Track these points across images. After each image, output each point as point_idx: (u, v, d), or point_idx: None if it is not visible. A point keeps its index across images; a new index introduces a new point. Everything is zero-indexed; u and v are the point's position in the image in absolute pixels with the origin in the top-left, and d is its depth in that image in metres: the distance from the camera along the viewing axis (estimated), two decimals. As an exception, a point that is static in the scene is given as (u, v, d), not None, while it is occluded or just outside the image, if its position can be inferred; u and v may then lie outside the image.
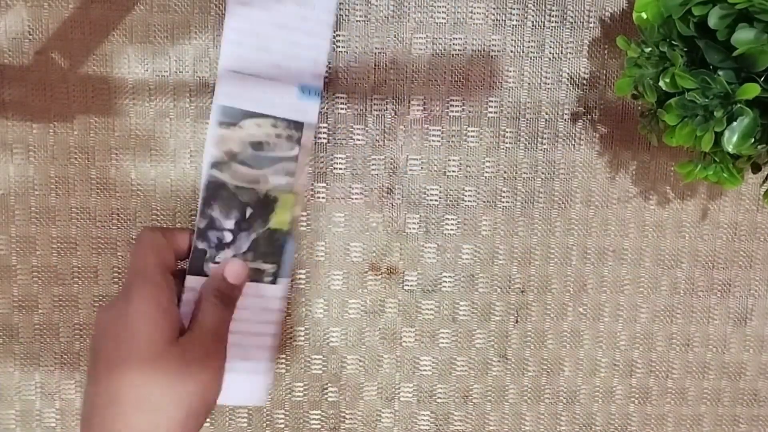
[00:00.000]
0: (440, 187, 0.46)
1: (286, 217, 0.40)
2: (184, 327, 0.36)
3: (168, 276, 0.35)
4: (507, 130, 0.46)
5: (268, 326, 0.40)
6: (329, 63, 0.44)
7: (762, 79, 0.35)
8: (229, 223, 0.39)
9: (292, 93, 0.39)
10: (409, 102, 0.45)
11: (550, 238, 0.47)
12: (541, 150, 0.46)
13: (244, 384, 0.39)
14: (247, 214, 0.39)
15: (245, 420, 0.48)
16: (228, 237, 0.39)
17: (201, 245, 0.38)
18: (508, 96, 0.46)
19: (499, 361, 0.48)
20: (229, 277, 0.38)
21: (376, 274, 0.47)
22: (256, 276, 0.40)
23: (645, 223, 0.47)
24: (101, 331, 0.34)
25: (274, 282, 0.40)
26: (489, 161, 0.46)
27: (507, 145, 0.46)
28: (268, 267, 0.40)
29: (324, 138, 0.45)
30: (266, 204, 0.40)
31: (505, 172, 0.46)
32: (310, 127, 0.40)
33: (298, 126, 0.40)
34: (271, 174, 0.39)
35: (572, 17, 0.45)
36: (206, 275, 0.39)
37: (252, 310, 0.40)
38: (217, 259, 0.39)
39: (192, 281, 0.38)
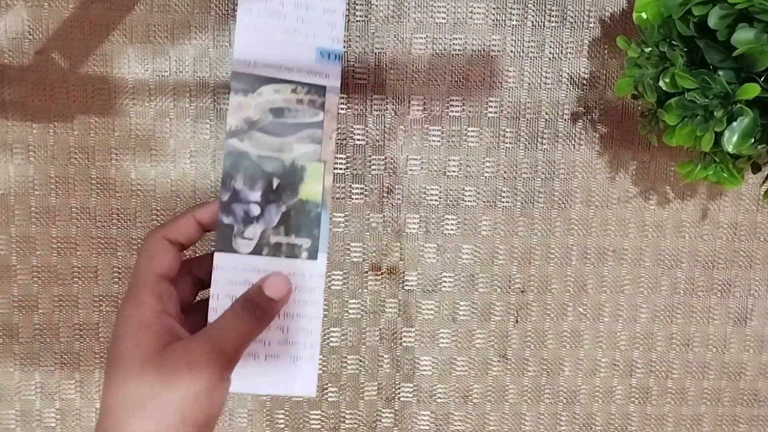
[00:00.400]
0: (440, 187, 0.46)
1: (317, 188, 0.38)
2: (179, 334, 0.34)
3: (159, 283, 0.34)
4: (507, 130, 0.46)
5: (310, 307, 0.38)
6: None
7: (762, 79, 0.35)
8: (255, 195, 0.37)
9: (311, 57, 0.38)
10: (409, 102, 0.45)
11: (550, 238, 0.47)
12: (541, 150, 0.46)
13: (289, 372, 0.37)
14: (275, 185, 0.37)
15: (245, 420, 0.48)
16: (255, 210, 0.37)
17: (227, 220, 0.37)
18: (508, 96, 0.46)
19: (499, 361, 0.48)
20: (266, 288, 0.35)
21: (376, 274, 0.47)
22: (291, 252, 0.38)
23: (645, 223, 0.47)
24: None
25: (312, 258, 0.38)
26: (489, 161, 0.46)
27: (507, 145, 0.46)
28: (303, 242, 0.38)
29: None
30: (293, 173, 0.38)
31: (505, 172, 0.46)
32: (333, 92, 0.39)
33: (320, 90, 0.38)
34: (296, 141, 0.38)
35: (572, 17, 0.45)
36: (235, 251, 0.37)
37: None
38: (246, 234, 0.37)
39: (220, 258, 0.36)
